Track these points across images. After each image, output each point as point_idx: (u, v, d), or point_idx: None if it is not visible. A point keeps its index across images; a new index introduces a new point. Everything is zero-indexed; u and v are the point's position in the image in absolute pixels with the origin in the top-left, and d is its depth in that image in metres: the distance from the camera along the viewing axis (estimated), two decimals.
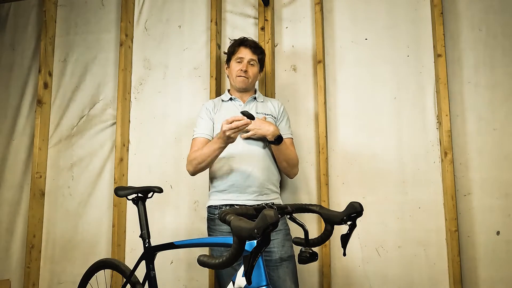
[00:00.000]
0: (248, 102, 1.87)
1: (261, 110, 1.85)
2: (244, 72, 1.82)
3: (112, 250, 2.31)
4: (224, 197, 1.73)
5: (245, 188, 1.70)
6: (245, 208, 1.13)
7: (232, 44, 1.90)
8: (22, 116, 2.65)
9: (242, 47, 1.85)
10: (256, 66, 1.87)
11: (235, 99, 1.88)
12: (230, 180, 1.72)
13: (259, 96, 1.93)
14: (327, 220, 1.21)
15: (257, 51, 1.86)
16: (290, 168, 1.82)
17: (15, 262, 2.50)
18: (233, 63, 1.86)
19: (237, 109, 1.84)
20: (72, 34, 2.66)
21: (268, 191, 1.75)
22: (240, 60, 1.83)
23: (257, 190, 1.71)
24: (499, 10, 2.06)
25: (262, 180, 1.72)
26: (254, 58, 1.85)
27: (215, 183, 1.79)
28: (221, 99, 1.92)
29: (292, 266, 1.68)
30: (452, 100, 2.04)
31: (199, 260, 0.90)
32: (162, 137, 2.41)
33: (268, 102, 1.92)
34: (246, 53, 1.83)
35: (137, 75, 2.51)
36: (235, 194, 1.71)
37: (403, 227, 2.03)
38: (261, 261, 1.09)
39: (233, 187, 1.71)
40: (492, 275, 1.92)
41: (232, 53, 1.88)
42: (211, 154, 1.64)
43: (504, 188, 1.95)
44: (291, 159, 1.80)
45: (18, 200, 2.56)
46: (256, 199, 1.70)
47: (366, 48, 2.21)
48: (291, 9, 2.33)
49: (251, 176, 1.71)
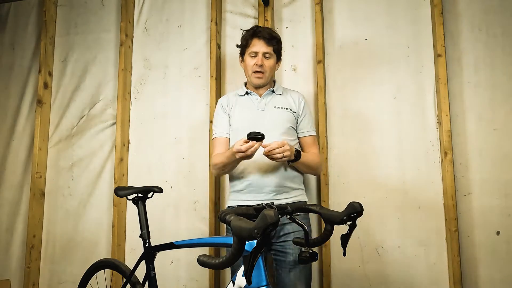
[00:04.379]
0: (265, 95, 1.76)
1: (279, 104, 1.74)
2: (260, 67, 1.69)
3: (112, 250, 2.31)
4: (242, 197, 1.67)
5: (262, 188, 1.62)
6: (245, 208, 1.13)
7: (244, 36, 1.75)
8: (22, 116, 2.65)
9: (255, 39, 1.69)
10: (272, 58, 1.72)
11: (251, 93, 1.77)
12: (247, 179, 1.65)
13: (278, 89, 1.79)
14: (327, 220, 1.21)
15: (272, 41, 1.71)
16: (314, 171, 1.76)
17: (15, 262, 2.51)
18: (247, 58, 1.73)
19: (253, 104, 1.75)
20: (72, 34, 2.66)
21: (287, 189, 1.66)
22: (255, 54, 1.70)
23: (275, 190, 1.62)
24: (499, 10, 2.06)
25: (279, 179, 1.63)
26: (269, 50, 1.70)
27: (232, 182, 1.73)
28: (237, 94, 1.81)
29: (306, 271, 1.61)
30: (452, 100, 2.04)
31: (199, 260, 0.90)
32: (162, 137, 2.41)
33: (288, 95, 1.79)
34: (260, 46, 1.69)
35: (137, 75, 2.51)
36: (252, 194, 1.64)
37: (403, 227, 2.03)
38: (261, 261, 1.09)
39: (250, 187, 1.64)
40: (492, 275, 1.92)
41: (245, 46, 1.73)
42: (230, 164, 1.61)
43: (504, 188, 1.95)
44: (312, 165, 1.70)
45: (18, 200, 2.56)
46: (273, 198, 1.61)
47: (366, 48, 2.21)
48: (291, 9, 2.33)
49: (267, 175, 1.63)
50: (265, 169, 1.63)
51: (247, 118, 1.72)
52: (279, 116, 1.71)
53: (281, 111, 1.72)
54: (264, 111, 1.72)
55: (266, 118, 1.70)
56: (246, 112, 1.74)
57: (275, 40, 1.72)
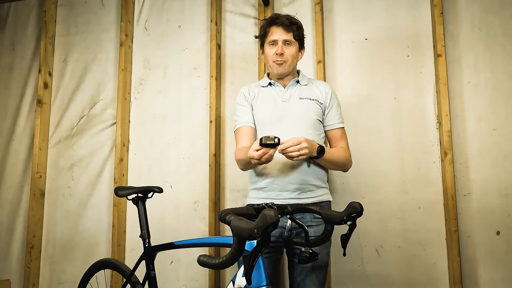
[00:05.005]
0: (290, 86, 1.64)
1: (305, 95, 1.62)
2: (280, 56, 1.57)
3: (112, 250, 2.31)
4: (263, 195, 1.55)
5: (286, 185, 1.52)
6: (245, 208, 1.13)
7: (262, 26, 1.65)
8: (22, 116, 2.65)
9: (274, 27, 1.59)
10: (293, 45, 1.60)
11: (275, 84, 1.65)
12: (270, 176, 1.54)
13: (303, 79, 1.68)
14: (327, 220, 1.21)
15: (292, 27, 1.58)
16: (341, 167, 1.63)
17: (15, 262, 2.50)
18: (267, 48, 1.62)
19: (278, 95, 1.63)
20: (72, 34, 2.66)
21: (313, 187, 1.55)
22: (274, 42, 1.58)
23: (300, 188, 1.52)
24: (499, 10, 2.06)
25: (302, 176, 1.52)
26: (289, 37, 1.58)
27: (253, 179, 1.61)
28: (259, 84, 1.70)
29: (323, 275, 1.55)
30: (452, 100, 2.04)
31: (199, 260, 0.90)
32: (162, 137, 2.41)
33: (313, 86, 1.67)
34: (279, 34, 1.57)
35: (137, 75, 2.51)
36: (275, 192, 1.53)
37: (403, 227, 2.03)
38: (261, 261, 1.09)
39: (273, 184, 1.53)
40: (492, 275, 1.92)
41: (264, 35, 1.63)
42: (251, 164, 1.44)
43: (504, 188, 1.95)
44: (339, 161, 1.57)
45: (18, 200, 2.56)
46: (298, 197, 1.52)
47: (366, 48, 2.21)
48: (291, 9, 2.32)
49: (292, 172, 1.51)
50: (288, 165, 1.52)
51: (270, 110, 1.61)
52: (305, 108, 1.59)
53: (307, 103, 1.60)
54: (289, 102, 1.61)
55: (291, 110, 1.59)
56: (270, 104, 1.63)
57: (296, 26, 1.59)
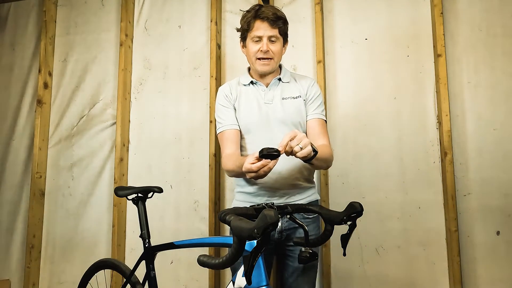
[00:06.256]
0: (272, 85, 1.54)
1: (287, 94, 1.54)
2: (265, 53, 1.47)
3: (112, 250, 2.31)
4: (252, 199, 1.51)
5: (274, 191, 1.49)
6: (245, 208, 1.13)
7: (245, 17, 1.51)
8: (22, 116, 2.65)
9: (258, 21, 1.47)
10: (278, 41, 1.50)
11: (257, 83, 1.56)
12: (258, 182, 1.49)
13: (285, 75, 1.57)
14: (327, 220, 1.21)
15: (278, 22, 1.47)
16: (327, 165, 1.52)
17: (15, 262, 2.50)
18: (249, 43, 1.50)
19: (260, 96, 1.54)
20: (72, 34, 2.66)
21: (301, 190, 1.52)
22: (258, 39, 1.48)
23: (288, 192, 1.49)
24: (499, 10, 2.06)
25: (293, 181, 1.49)
26: (275, 33, 1.47)
27: (240, 182, 1.56)
28: (240, 82, 1.59)
29: (314, 275, 1.54)
30: (452, 100, 2.04)
31: (199, 260, 0.90)
32: (162, 137, 2.41)
33: (297, 82, 1.58)
34: (264, 29, 1.46)
35: (137, 75, 2.51)
36: (264, 198, 1.49)
37: (403, 227, 2.03)
38: (261, 261, 1.09)
39: (261, 190, 1.49)
40: (492, 275, 1.92)
41: (246, 29, 1.51)
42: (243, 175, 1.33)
43: (504, 188, 1.95)
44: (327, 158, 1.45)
45: (18, 200, 2.56)
46: (287, 201, 1.49)
47: (366, 48, 2.21)
48: (291, 9, 2.32)
49: (280, 177, 1.47)
50: (275, 172, 1.43)
51: (254, 114, 1.52)
52: (288, 109, 1.52)
53: (290, 103, 1.52)
54: (272, 103, 1.53)
55: (274, 112, 1.51)
56: (254, 106, 1.53)
57: (281, 20, 1.49)
